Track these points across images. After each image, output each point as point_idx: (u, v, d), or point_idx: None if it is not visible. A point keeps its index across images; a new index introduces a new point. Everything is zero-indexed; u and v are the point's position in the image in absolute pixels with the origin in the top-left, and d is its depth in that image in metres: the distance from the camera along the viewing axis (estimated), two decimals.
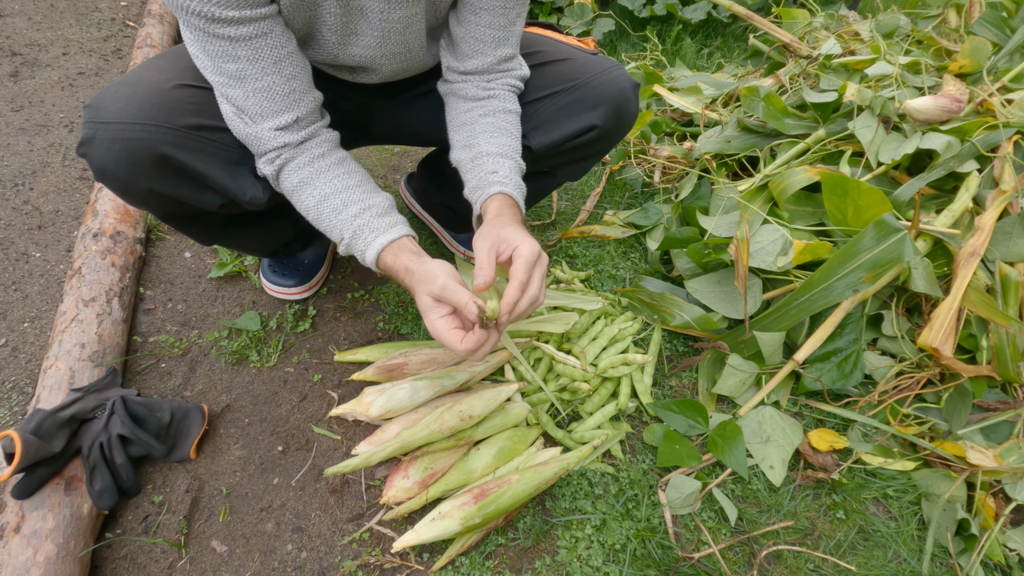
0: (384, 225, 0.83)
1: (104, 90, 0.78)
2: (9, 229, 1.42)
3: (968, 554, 0.92)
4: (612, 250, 1.47)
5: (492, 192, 0.86)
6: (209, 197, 0.87)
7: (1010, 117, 1.19)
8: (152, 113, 0.76)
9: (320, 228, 0.85)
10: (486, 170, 0.88)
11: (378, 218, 0.83)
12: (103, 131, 0.75)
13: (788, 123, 1.38)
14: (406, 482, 0.92)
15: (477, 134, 0.91)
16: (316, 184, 0.83)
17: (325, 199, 0.83)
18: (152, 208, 0.89)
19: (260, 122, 0.78)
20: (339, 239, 0.83)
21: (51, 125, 1.79)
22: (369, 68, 0.91)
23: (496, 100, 0.93)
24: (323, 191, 0.83)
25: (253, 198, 0.88)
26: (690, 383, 1.19)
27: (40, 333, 1.20)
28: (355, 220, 0.82)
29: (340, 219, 0.82)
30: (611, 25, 2.49)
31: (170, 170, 0.81)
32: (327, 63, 0.90)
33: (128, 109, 0.75)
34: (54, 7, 2.44)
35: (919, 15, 1.70)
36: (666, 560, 0.91)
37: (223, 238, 1.05)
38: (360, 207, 0.83)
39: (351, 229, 0.82)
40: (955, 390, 1.07)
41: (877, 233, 1.01)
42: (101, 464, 0.89)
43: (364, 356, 1.12)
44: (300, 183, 0.83)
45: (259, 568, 0.89)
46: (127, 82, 0.79)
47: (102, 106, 0.76)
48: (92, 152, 0.76)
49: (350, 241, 0.82)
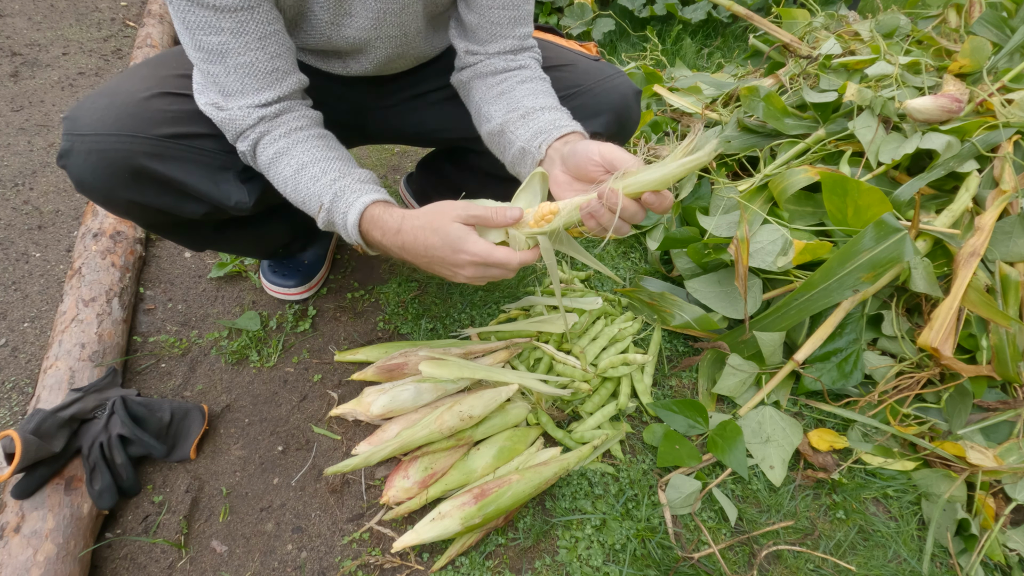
0: (368, 189, 0.78)
1: (82, 101, 0.78)
2: (9, 229, 1.42)
3: (968, 554, 0.92)
4: (612, 250, 1.47)
5: (565, 132, 0.79)
6: (192, 206, 0.86)
7: (1010, 117, 1.19)
8: (128, 123, 0.75)
9: (297, 202, 0.80)
10: (545, 120, 0.82)
11: (361, 183, 0.78)
12: (79, 143, 0.74)
13: (788, 123, 1.38)
14: (406, 482, 0.92)
15: (520, 98, 0.86)
16: (294, 154, 0.78)
17: (303, 168, 0.78)
18: (136, 218, 0.89)
19: (238, 99, 0.75)
20: (317, 208, 0.77)
21: (51, 125, 1.79)
22: (362, 51, 0.88)
23: (527, 70, 0.90)
24: (301, 160, 0.78)
25: (238, 203, 0.87)
26: (690, 383, 1.19)
27: (40, 333, 1.19)
28: (335, 183, 0.77)
29: (319, 185, 0.77)
30: (611, 25, 2.49)
31: (149, 180, 0.80)
32: (319, 48, 0.88)
33: (103, 120, 0.75)
34: (54, 7, 2.44)
35: (919, 15, 1.70)
36: (666, 560, 0.91)
37: (216, 243, 1.05)
38: (341, 173, 0.78)
39: (331, 192, 0.76)
40: (955, 390, 1.07)
41: (877, 233, 1.01)
42: (101, 464, 0.89)
43: (364, 356, 1.12)
44: (277, 154, 0.78)
45: (259, 568, 0.89)
46: (105, 92, 0.78)
47: (79, 117, 0.75)
48: (70, 164, 0.76)
49: (330, 205, 0.76)
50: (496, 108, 0.88)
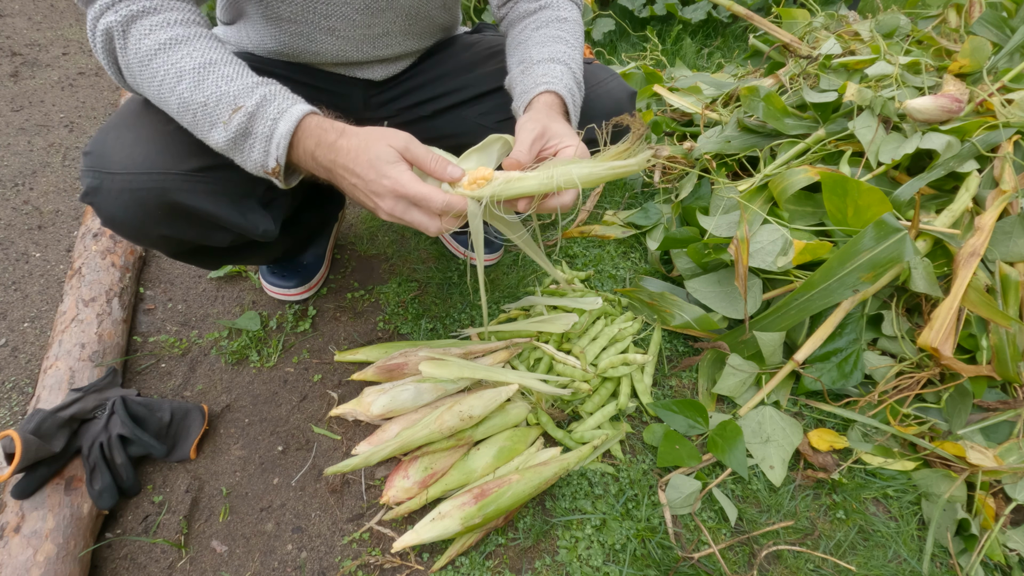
0: (299, 99, 0.69)
1: (103, 135, 0.75)
2: (9, 229, 1.42)
3: (968, 554, 0.92)
4: (612, 250, 1.47)
5: (539, 91, 0.77)
6: (220, 235, 0.86)
7: (1010, 117, 1.19)
8: (158, 160, 0.73)
9: (191, 103, 0.66)
10: (536, 75, 0.80)
11: (291, 93, 0.70)
12: (110, 181, 0.72)
13: (788, 123, 1.38)
14: (406, 482, 0.92)
15: (529, 48, 0.84)
16: (196, 46, 0.66)
17: (212, 64, 0.66)
18: (162, 249, 0.88)
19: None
20: (230, 111, 0.65)
21: (51, 125, 1.79)
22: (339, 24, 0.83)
23: (549, 10, 0.88)
24: (208, 56, 0.66)
25: (266, 232, 0.86)
26: (690, 383, 1.19)
27: (40, 333, 1.20)
28: (260, 87, 0.67)
29: (234, 86, 0.66)
30: (611, 25, 2.49)
31: (180, 215, 0.79)
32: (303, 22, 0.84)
33: (133, 157, 0.73)
34: (54, 7, 2.44)
35: (919, 15, 1.70)
36: (666, 560, 0.91)
37: (228, 261, 1.06)
38: (262, 79, 0.69)
39: (256, 95, 0.66)
40: (955, 390, 1.07)
41: (877, 233, 1.01)
42: (101, 464, 0.89)
43: (364, 356, 1.12)
44: (172, 41, 0.65)
45: (259, 568, 0.89)
46: (126, 125, 0.75)
47: (105, 153, 0.73)
48: (100, 202, 0.74)
49: (255, 109, 0.65)
50: (512, 61, 0.87)
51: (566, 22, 0.87)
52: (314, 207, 1.20)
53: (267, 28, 0.87)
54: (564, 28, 0.86)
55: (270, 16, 0.85)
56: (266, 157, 0.67)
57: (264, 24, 0.87)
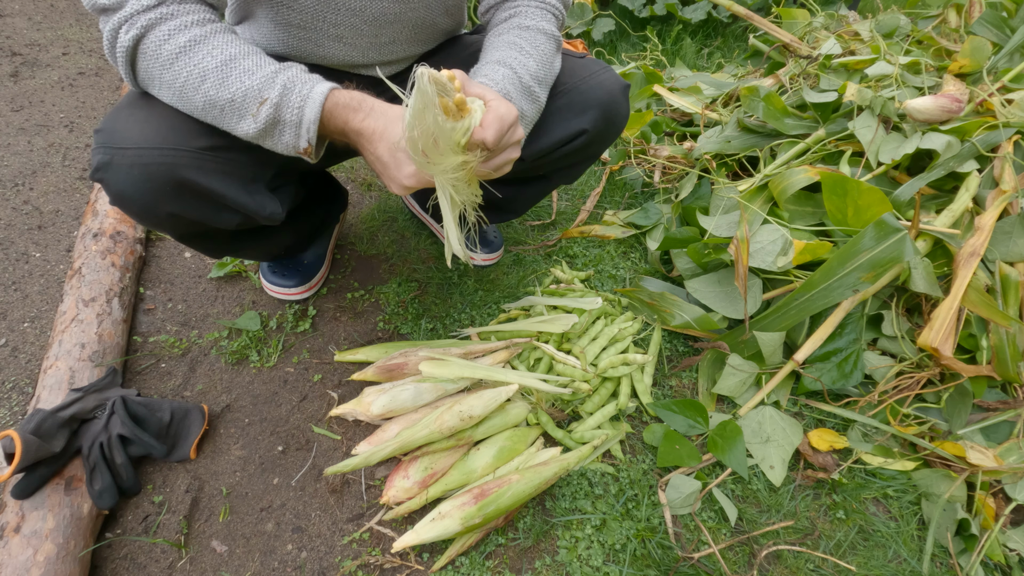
0: (319, 78, 0.72)
1: (115, 112, 0.76)
2: (9, 229, 1.42)
3: (968, 554, 0.92)
4: (612, 250, 1.47)
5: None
6: (228, 217, 0.86)
7: (1010, 117, 1.19)
8: (170, 136, 0.74)
9: (216, 102, 0.69)
10: (478, 76, 0.82)
11: (309, 72, 0.72)
12: (120, 156, 0.73)
13: (788, 123, 1.38)
14: (406, 482, 0.92)
15: (485, 52, 0.86)
16: (215, 43, 0.68)
17: (233, 60, 0.68)
18: (169, 230, 0.88)
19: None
20: (257, 103, 0.69)
21: (51, 125, 1.79)
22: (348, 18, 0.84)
23: (516, 18, 0.89)
24: (228, 52, 0.68)
25: (272, 214, 0.87)
26: (690, 383, 1.19)
27: (40, 333, 1.19)
28: (279, 75, 0.69)
29: (256, 79, 0.68)
30: (611, 25, 2.49)
31: (189, 193, 0.79)
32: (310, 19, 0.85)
33: (144, 133, 0.73)
34: (54, 7, 2.44)
35: (919, 15, 1.70)
36: (666, 560, 0.91)
37: (232, 250, 1.06)
38: (281, 66, 0.71)
39: (278, 85, 0.69)
40: (955, 390, 1.07)
41: (877, 233, 1.01)
42: (101, 464, 0.89)
43: (364, 356, 1.13)
44: (192, 43, 0.68)
45: (259, 568, 0.89)
46: (138, 104, 0.76)
47: (116, 130, 0.74)
48: (110, 178, 0.74)
49: (279, 99, 0.69)
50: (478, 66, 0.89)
51: (528, 30, 0.88)
52: (320, 202, 1.20)
53: (275, 32, 0.89)
54: (523, 36, 0.87)
55: (279, 22, 0.86)
56: (297, 140, 0.72)
57: (273, 28, 0.88)
